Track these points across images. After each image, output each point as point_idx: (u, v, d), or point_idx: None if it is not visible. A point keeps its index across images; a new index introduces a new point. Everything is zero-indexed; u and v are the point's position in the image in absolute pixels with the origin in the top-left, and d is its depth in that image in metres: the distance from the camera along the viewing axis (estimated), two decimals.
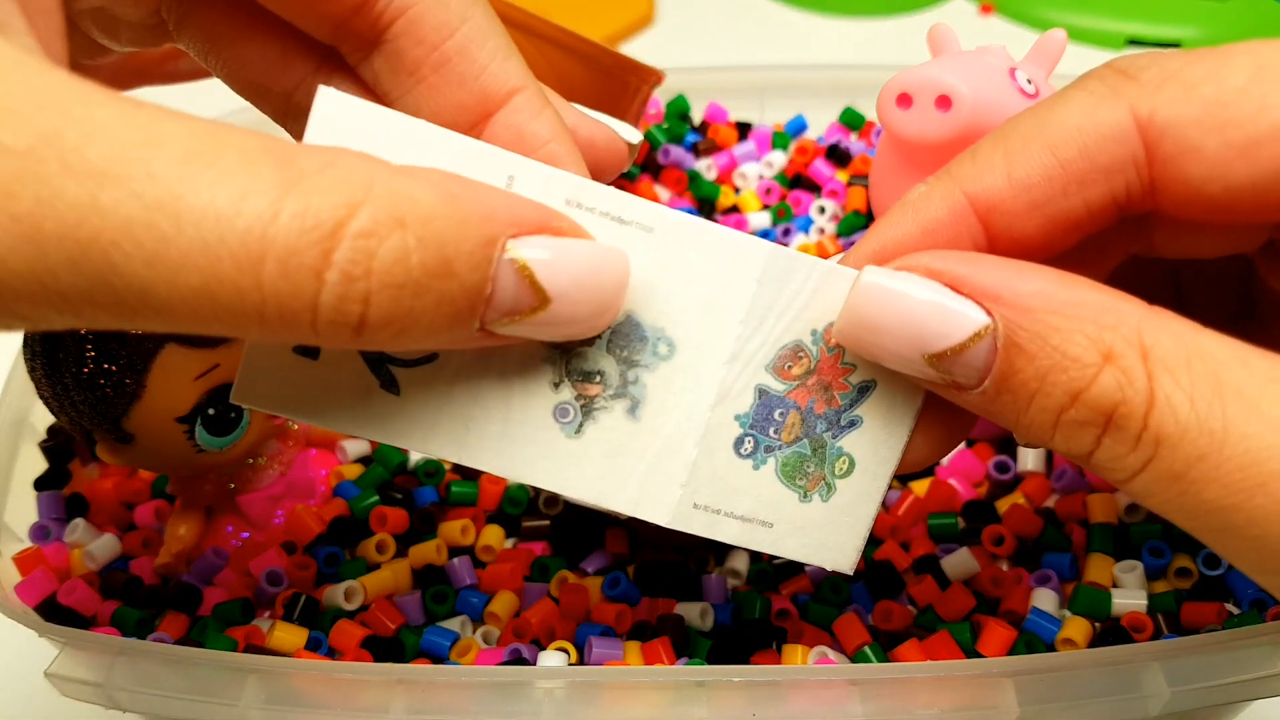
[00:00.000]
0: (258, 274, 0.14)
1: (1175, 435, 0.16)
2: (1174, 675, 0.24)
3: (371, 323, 0.15)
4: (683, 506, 0.20)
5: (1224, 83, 0.17)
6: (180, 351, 0.27)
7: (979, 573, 0.30)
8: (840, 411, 0.20)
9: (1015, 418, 0.17)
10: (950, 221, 0.19)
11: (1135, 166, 0.18)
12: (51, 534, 0.32)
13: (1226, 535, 0.16)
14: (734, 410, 0.20)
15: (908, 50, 0.40)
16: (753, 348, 0.20)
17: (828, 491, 0.21)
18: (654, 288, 0.19)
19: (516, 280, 0.16)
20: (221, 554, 0.31)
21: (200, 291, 0.14)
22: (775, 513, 0.21)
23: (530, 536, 0.33)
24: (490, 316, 0.17)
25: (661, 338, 0.19)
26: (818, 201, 0.44)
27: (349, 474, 0.34)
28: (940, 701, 0.25)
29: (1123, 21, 0.61)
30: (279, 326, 0.15)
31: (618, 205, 0.19)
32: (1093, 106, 0.18)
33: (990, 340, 0.17)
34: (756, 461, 0.20)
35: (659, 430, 0.20)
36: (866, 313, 0.18)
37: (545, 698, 0.25)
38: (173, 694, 0.26)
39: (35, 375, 0.28)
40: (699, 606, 0.30)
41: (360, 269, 0.15)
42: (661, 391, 0.20)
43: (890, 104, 0.31)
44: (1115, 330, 0.16)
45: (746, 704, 0.25)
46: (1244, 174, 0.17)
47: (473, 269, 0.16)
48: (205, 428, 0.28)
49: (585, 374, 0.19)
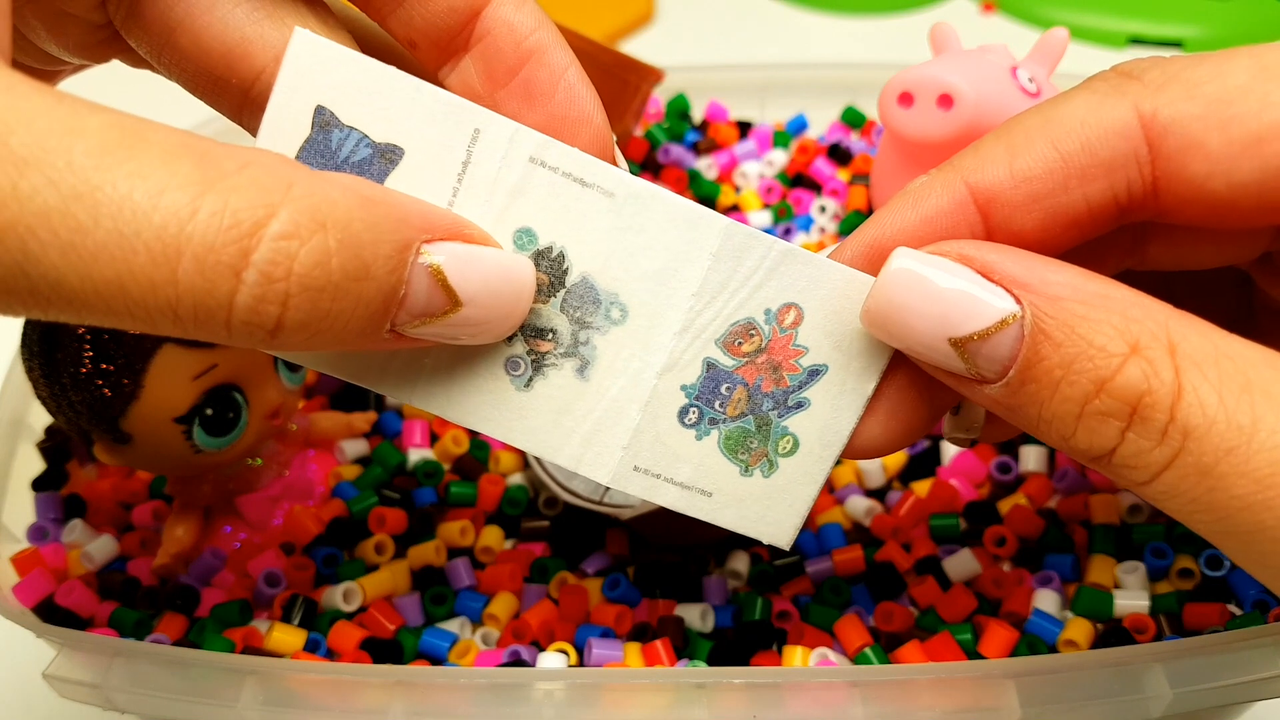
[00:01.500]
0: (173, 270, 0.14)
1: (1203, 427, 0.16)
2: (1176, 676, 0.24)
3: (288, 325, 0.15)
4: (623, 467, 0.20)
5: (1226, 81, 0.17)
6: (178, 351, 0.27)
7: (980, 574, 0.30)
8: (788, 392, 0.20)
9: (1038, 410, 0.17)
10: (950, 211, 0.19)
11: (1138, 163, 0.18)
12: (49, 535, 0.32)
13: (1255, 538, 0.16)
14: (681, 380, 0.20)
15: (909, 49, 0.40)
16: (704, 321, 0.20)
17: (769, 468, 0.21)
18: (611, 252, 0.19)
19: (430, 284, 0.17)
20: (219, 555, 0.31)
21: (114, 284, 0.14)
22: (715, 483, 0.21)
23: (530, 537, 0.32)
24: (402, 319, 0.17)
25: (615, 302, 0.20)
26: (819, 200, 0.44)
27: (347, 475, 0.34)
28: (942, 703, 0.25)
29: (1124, 20, 0.61)
30: (192, 324, 0.15)
31: (580, 166, 0.19)
32: (1097, 103, 0.18)
33: (1018, 327, 0.17)
34: (700, 432, 0.20)
35: (605, 392, 0.20)
36: (895, 295, 0.18)
37: (545, 699, 0.25)
38: (170, 695, 0.26)
39: (33, 375, 0.28)
40: (699, 608, 0.30)
41: (281, 270, 0.15)
42: (611, 354, 0.20)
43: (892, 103, 0.31)
44: (1142, 323, 0.16)
45: (747, 706, 0.25)
46: (1247, 170, 0.17)
47: (389, 272, 0.16)
48: (203, 428, 0.28)
49: (538, 330, 0.20)
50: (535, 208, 0.19)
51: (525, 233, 0.19)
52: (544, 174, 0.19)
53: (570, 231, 0.19)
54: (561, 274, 0.20)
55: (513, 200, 0.19)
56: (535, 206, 0.19)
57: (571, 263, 0.19)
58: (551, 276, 0.20)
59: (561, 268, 0.19)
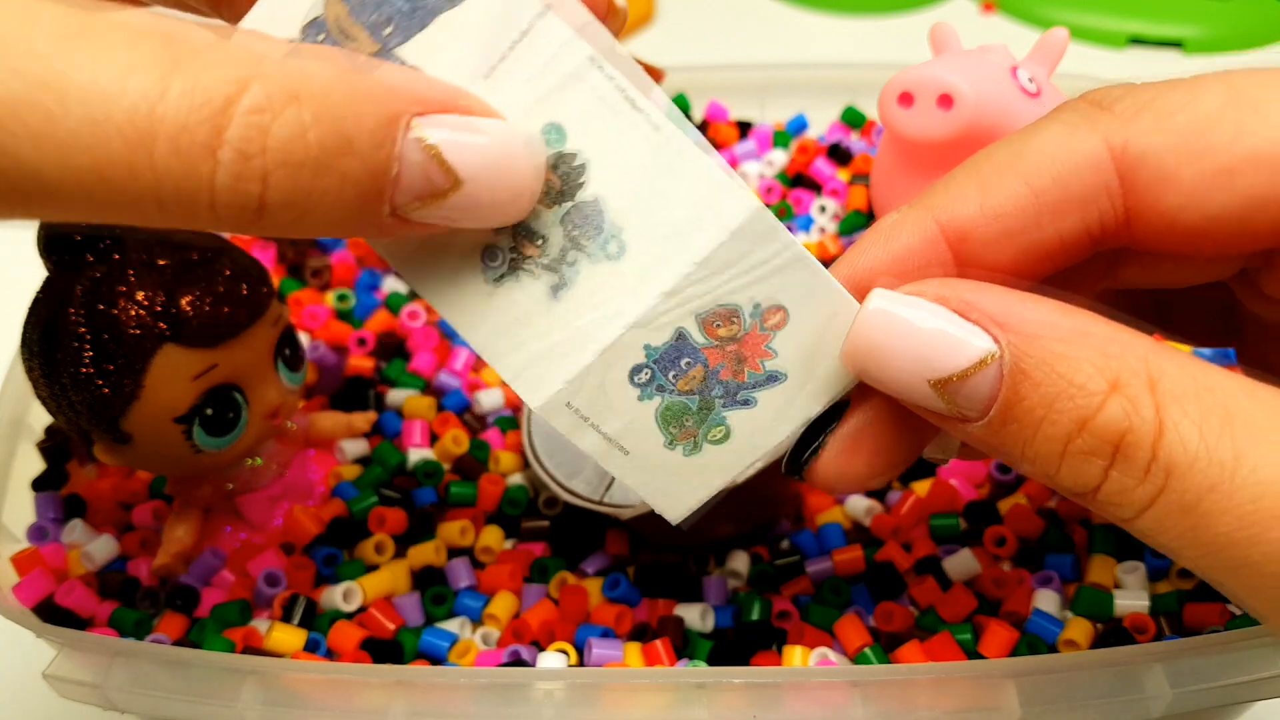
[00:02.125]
0: (150, 153, 0.14)
1: (1185, 464, 0.16)
2: (1176, 676, 0.24)
3: (271, 204, 0.15)
4: (557, 400, 0.20)
5: (1198, 110, 0.17)
6: (178, 351, 0.27)
7: (980, 574, 0.30)
8: (742, 387, 0.20)
9: (1021, 449, 0.17)
10: (921, 249, 0.19)
11: (1110, 196, 0.18)
12: (49, 535, 0.32)
13: (1242, 573, 0.16)
14: (648, 339, 0.19)
15: (909, 49, 0.40)
16: (694, 291, 0.19)
17: (693, 449, 0.20)
18: (634, 186, 0.18)
19: (425, 161, 0.16)
20: (219, 555, 0.31)
21: (92, 173, 0.14)
22: (637, 445, 0.20)
23: (530, 537, 0.32)
24: (400, 200, 0.16)
25: (617, 237, 0.19)
26: (819, 201, 0.44)
27: (347, 474, 0.34)
28: (942, 703, 0.25)
29: (1124, 20, 0.61)
30: (177, 210, 0.15)
31: (637, 86, 0.18)
32: (1067, 136, 0.18)
33: (996, 367, 0.17)
34: (644, 394, 0.20)
35: (571, 321, 0.19)
36: (873, 336, 0.18)
37: (545, 699, 0.25)
38: (170, 695, 0.26)
39: (33, 375, 0.28)
40: (699, 608, 0.30)
41: (255, 146, 0.14)
42: (591, 287, 0.19)
43: (892, 103, 0.31)
44: (1122, 359, 0.16)
45: (747, 706, 0.25)
46: (1220, 202, 0.17)
47: (375, 147, 0.15)
48: (203, 428, 0.28)
49: (530, 232, 0.19)
50: (576, 109, 0.18)
51: (556, 129, 0.18)
52: (599, 78, 0.18)
53: (601, 147, 0.18)
54: (575, 186, 0.19)
55: (556, 92, 0.18)
56: (576, 108, 0.18)
57: (590, 179, 0.18)
58: (564, 184, 0.19)
59: (578, 180, 0.18)
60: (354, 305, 0.40)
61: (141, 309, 0.26)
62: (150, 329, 0.26)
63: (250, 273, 0.28)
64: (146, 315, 0.26)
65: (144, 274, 0.26)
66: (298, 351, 0.31)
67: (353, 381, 0.37)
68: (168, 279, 0.27)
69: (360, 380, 0.37)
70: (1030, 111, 0.32)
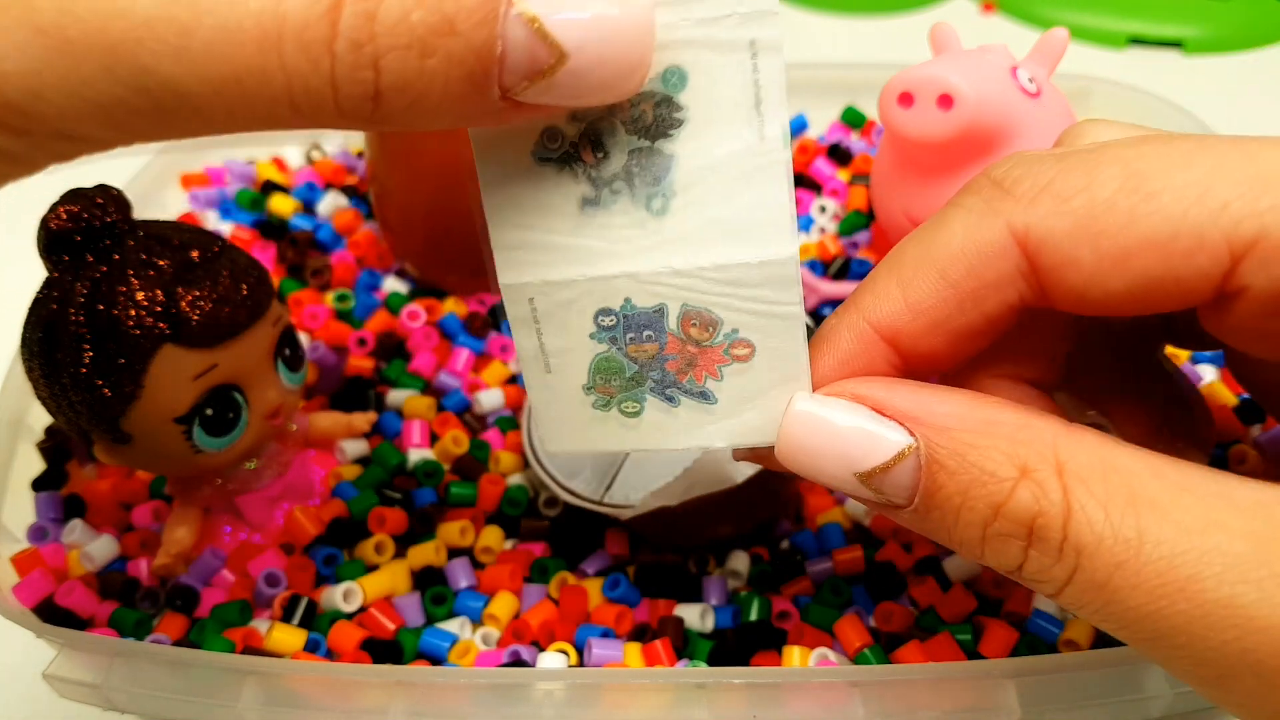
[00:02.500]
0: (280, 54, 0.15)
1: (1093, 544, 0.16)
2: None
3: (385, 89, 0.15)
4: (524, 290, 0.20)
5: (1095, 194, 0.17)
6: (178, 352, 0.27)
7: (980, 574, 0.30)
8: (676, 384, 0.20)
9: (948, 534, 0.18)
10: (861, 350, 0.20)
11: (1023, 276, 0.18)
12: (49, 535, 0.32)
13: (1158, 643, 0.16)
14: (631, 294, 0.20)
15: (909, 49, 0.40)
16: (697, 285, 0.19)
17: (603, 406, 0.21)
18: (713, 165, 0.18)
19: (528, 35, 0.16)
20: (219, 555, 0.31)
21: (230, 81, 0.15)
22: (562, 370, 0.21)
23: (530, 537, 0.32)
24: (509, 80, 0.16)
25: (666, 197, 0.19)
26: (819, 200, 0.44)
27: (347, 475, 0.34)
28: (942, 703, 0.25)
29: (1124, 20, 0.61)
30: (309, 109, 0.15)
31: (772, 93, 0.18)
32: (973, 226, 0.19)
33: (915, 459, 0.18)
34: (596, 336, 0.20)
35: (580, 236, 0.19)
36: (800, 437, 0.19)
37: (545, 699, 0.25)
38: (170, 695, 0.26)
39: (33, 375, 0.28)
40: (699, 608, 0.30)
41: (365, 33, 0.15)
42: (617, 221, 0.19)
43: (892, 103, 0.31)
44: (1030, 446, 0.17)
45: (747, 706, 0.25)
46: (1120, 282, 0.17)
47: (477, 25, 0.15)
48: (203, 428, 0.28)
49: (598, 140, 0.19)
50: (710, 73, 0.18)
51: (680, 75, 0.18)
52: (745, 62, 0.18)
53: (707, 118, 0.18)
54: (662, 133, 0.18)
55: (707, 48, 0.18)
56: (711, 72, 0.18)
57: (678, 137, 0.18)
58: (655, 124, 0.18)
59: (668, 130, 0.18)
60: (354, 305, 0.40)
61: (141, 309, 0.26)
62: (150, 329, 0.26)
63: (250, 273, 0.28)
64: (146, 315, 0.26)
65: (144, 274, 0.26)
66: (298, 351, 0.31)
67: (353, 381, 0.37)
68: (168, 279, 0.27)
69: (360, 380, 0.37)
70: (1030, 111, 0.32)
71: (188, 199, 0.45)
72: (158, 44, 0.14)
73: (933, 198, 0.33)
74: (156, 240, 0.27)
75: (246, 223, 0.44)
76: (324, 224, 0.44)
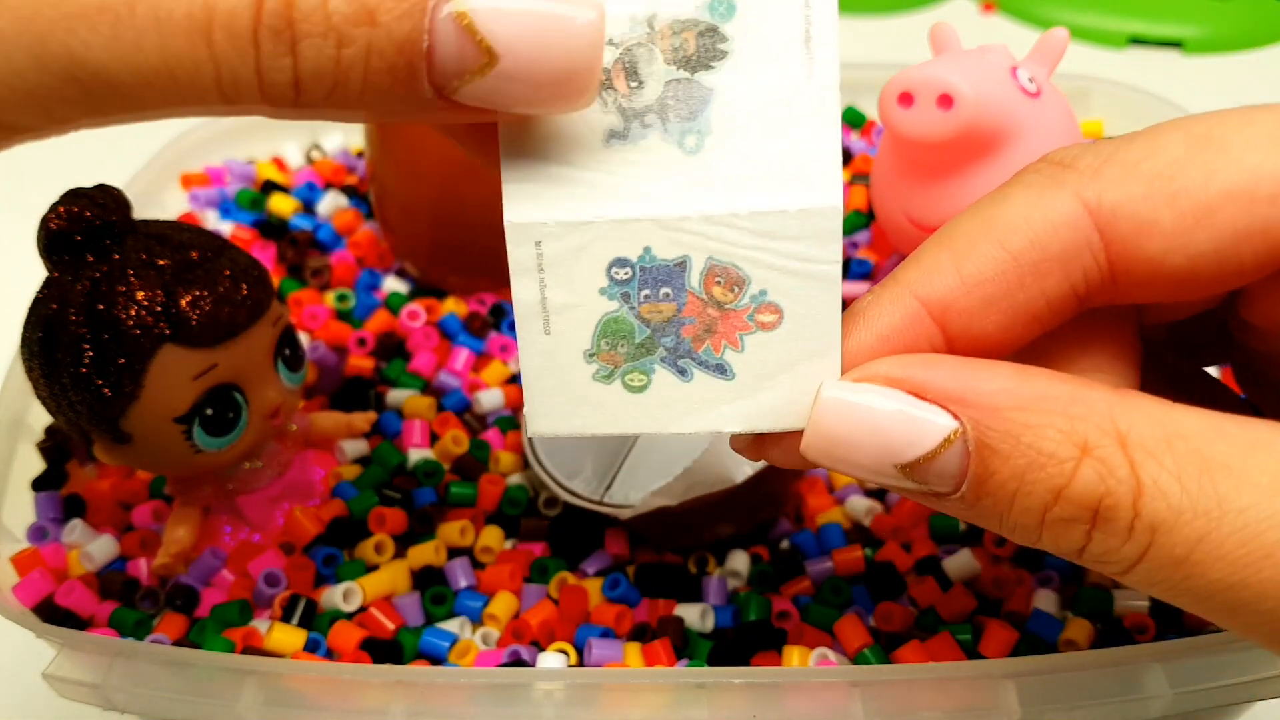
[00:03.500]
0: (209, 43, 0.15)
1: (1170, 520, 0.15)
2: (1176, 676, 0.24)
3: (304, 77, 0.15)
4: (531, 230, 0.18)
5: (1163, 156, 0.17)
6: (178, 351, 0.27)
7: (980, 574, 0.30)
8: (691, 354, 0.18)
9: (999, 521, 0.17)
10: (905, 326, 0.18)
11: (1092, 251, 0.17)
12: (49, 535, 0.32)
13: (1239, 613, 0.16)
14: (652, 242, 0.18)
15: (909, 49, 0.40)
16: (726, 235, 0.18)
17: (605, 377, 0.19)
18: (753, 106, 0.17)
19: (457, 33, 0.15)
20: (219, 555, 0.31)
21: (161, 71, 0.15)
22: (562, 333, 0.18)
23: (529, 537, 0.32)
24: (438, 78, 0.16)
25: (701, 134, 0.17)
26: None
27: (347, 475, 0.34)
28: (942, 703, 0.25)
29: (1124, 20, 0.61)
30: (237, 98, 0.15)
31: (824, 33, 0.17)
32: (1036, 197, 0.18)
33: (961, 444, 0.17)
34: (609, 290, 0.18)
35: (601, 172, 0.18)
36: (832, 429, 0.17)
37: (545, 699, 0.25)
38: (170, 695, 0.26)
39: (33, 375, 0.28)
40: (699, 608, 0.30)
41: (283, 21, 0.15)
42: (645, 158, 0.18)
43: (892, 103, 0.31)
44: (1087, 420, 0.16)
45: (747, 706, 0.25)
46: (1205, 240, 0.17)
47: (400, 17, 0.15)
48: (203, 428, 0.28)
49: (633, 69, 0.17)
50: (760, 3, 0.17)
51: (729, 3, 0.17)
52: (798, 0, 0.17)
53: (752, 50, 0.17)
54: (704, 64, 0.17)
55: None
56: (761, 4, 0.17)
57: (721, 69, 0.17)
58: (697, 55, 0.17)
59: (710, 62, 0.17)
60: (354, 305, 0.40)
61: (141, 309, 0.26)
62: (150, 329, 0.26)
63: (250, 273, 0.28)
64: (146, 315, 0.26)
65: (144, 274, 0.26)
66: (298, 351, 0.31)
67: (353, 381, 0.37)
68: (168, 279, 0.27)
69: (360, 380, 0.37)
70: (1030, 111, 0.32)
71: (188, 199, 0.45)
72: (89, 34, 0.15)
73: (933, 198, 0.33)
74: (156, 240, 0.27)
75: (246, 223, 0.44)
76: (324, 224, 0.44)
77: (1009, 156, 0.31)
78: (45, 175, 0.32)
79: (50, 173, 0.32)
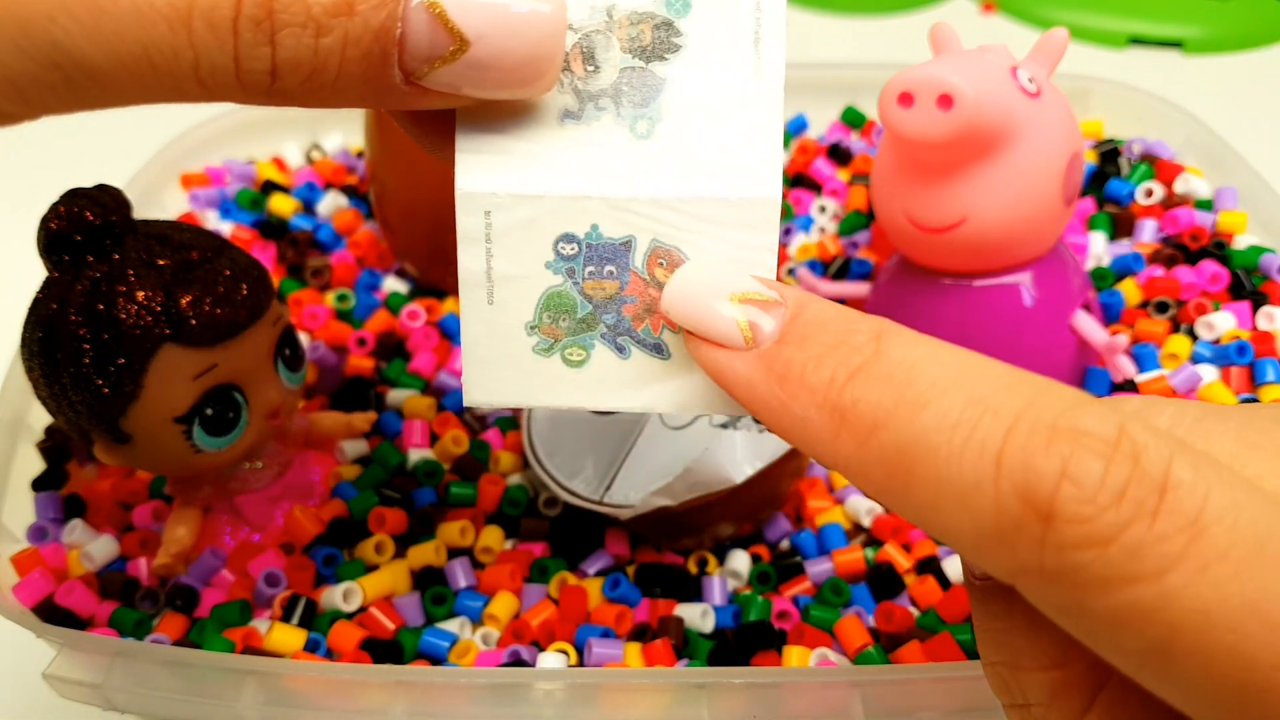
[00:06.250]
0: (189, 33, 0.15)
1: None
2: None
3: (281, 65, 0.16)
4: (481, 201, 0.18)
5: None
6: (178, 351, 0.27)
7: None
8: (630, 332, 0.19)
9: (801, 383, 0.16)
10: None
11: None
12: (49, 535, 0.32)
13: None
14: (600, 220, 0.18)
15: (909, 49, 0.40)
16: (670, 218, 0.18)
17: (545, 350, 0.19)
18: (703, 97, 0.18)
19: (428, 20, 0.16)
20: (219, 555, 0.31)
21: (140, 59, 0.15)
22: (505, 304, 0.19)
23: (530, 537, 0.32)
24: (410, 63, 0.16)
25: (653, 120, 0.18)
26: (818, 201, 0.44)
27: (347, 475, 0.34)
28: (942, 703, 0.25)
29: (1124, 20, 0.61)
30: (215, 85, 0.16)
31: (771, 34, 0.18)
32: None
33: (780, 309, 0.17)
34: (551, 266, 0.19)
35: (554, 150, 0.18)
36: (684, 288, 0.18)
37: (545, 699, 0.25)
38: (170, 695, 0.26)
39: (33, 375, 0.28)
40: (699, 608, 0.30)
41: (263, 11, 0.15)
42: (596, 139, 0.18)
43: (892, 103, 0.31)
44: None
45: (747, 705, 0.25)
46: None
47: (376, 6, 0.16)
48: (203, 428, 0.28)
49: (590, 53, 0.18)
50: (714, 5, 0.18)
51: (685, 1, 0.18)
52: (749, 2, 0.18)
53: (705, 46, 0.18)
54: (658, 55, 0.18)
55: None
56: (715, 6, 0.18)
57: (674, 61, 0.18)
58: (652, 46, 0.18)
59: (664, 53, 0.18)
60: (354, 305, 0.40)
61: (141, 309, 0.26)
62: (150, 329, 0.26)
63: (250, 273, 0.28)
64: (146, 315, 0.26)
65: (144, 274, 0.26)
66: (298, 351, 0.31)
67: (353, 381, 0.37)
68: (168, 279, 0.27)
69: (360, 380, 0.37)
70: (1030, 112, 0.32)
71: (188, 199, 0.45)
72: (70, 21, 0.15)
73: (933, 198, 0.33)
74: (156, 240, 0.27)
75: (246, 223, 0.44)
76: (324, 224, 0.44)
77: (1009, 156, 0.31)
78: (45, 175, 0.32)
79: (50, 173, 0.32)
